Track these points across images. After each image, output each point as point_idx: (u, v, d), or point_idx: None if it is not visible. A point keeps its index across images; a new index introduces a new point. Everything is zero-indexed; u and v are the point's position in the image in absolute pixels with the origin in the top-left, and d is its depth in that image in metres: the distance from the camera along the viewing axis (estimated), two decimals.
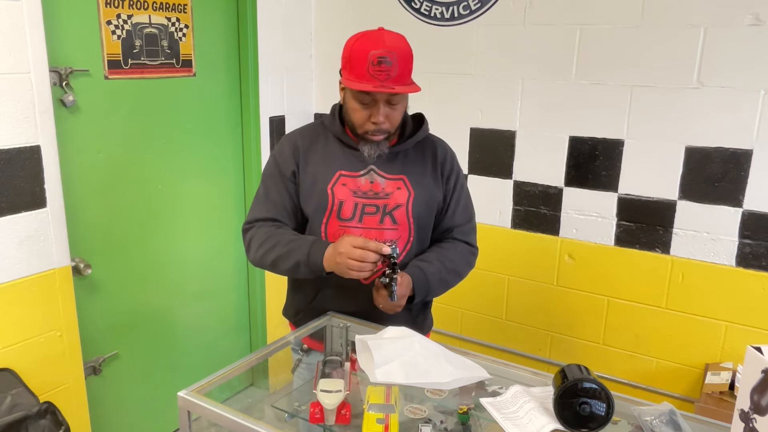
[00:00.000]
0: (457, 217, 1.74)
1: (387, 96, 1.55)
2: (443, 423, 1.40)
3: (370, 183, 1.65)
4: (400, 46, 1.56)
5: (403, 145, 1.68)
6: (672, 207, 2.30)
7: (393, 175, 1.66)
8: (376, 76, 1.50)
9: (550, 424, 1.26)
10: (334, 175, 1.64)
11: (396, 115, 1.60)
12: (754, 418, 1.00)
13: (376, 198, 1.64)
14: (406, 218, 1.65)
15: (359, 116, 1.58)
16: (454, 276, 1.73)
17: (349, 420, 1.38)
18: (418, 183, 1.67)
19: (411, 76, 1.60)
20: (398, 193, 1.65)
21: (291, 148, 1.70)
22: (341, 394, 1.38)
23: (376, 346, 1.49)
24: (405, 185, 1.66)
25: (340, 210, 1.63)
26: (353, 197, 1.63)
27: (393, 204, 1.64)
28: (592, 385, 1.24)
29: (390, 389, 1.43)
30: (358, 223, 1.63)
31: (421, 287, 1.63)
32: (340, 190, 1.63)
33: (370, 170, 1.65)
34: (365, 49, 1.52)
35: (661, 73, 2.22)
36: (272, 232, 1.65)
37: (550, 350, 2.65)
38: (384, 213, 1.64)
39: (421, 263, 1.66)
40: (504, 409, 1.35)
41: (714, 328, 2.28)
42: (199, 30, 2.54)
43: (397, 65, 1.52)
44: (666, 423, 1.32)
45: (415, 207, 1.65)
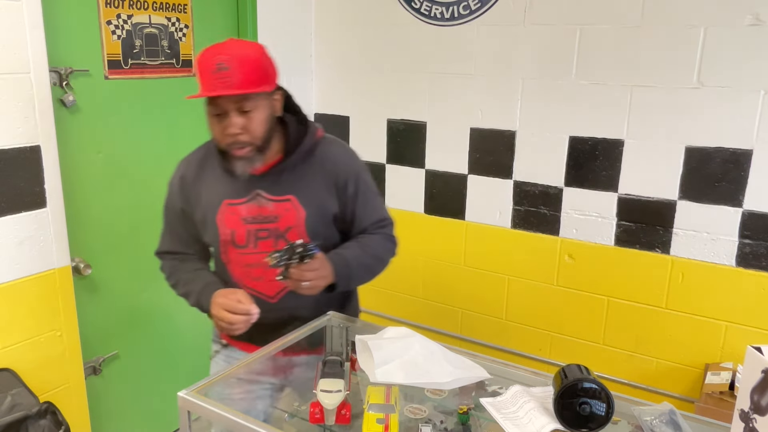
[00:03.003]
0: (365, 220, 1.68)
1: (236, 104, 1.47)
2: (443, 423, 1.40)
3: (257, 207, 1.59)
4: (242, 53, 1.48)
5: (288, 161, 1.60)
6: (672, 207, 2.30)
7: (279, 197, 1.59)
8: (217, 83, 1.44)
9: (550, 424, 1.26)
10: (220, 206, 1.60)
11: (254, 125, 1.50)
12: (754, 418, 1.00)
13: (266, 222, 1.59)
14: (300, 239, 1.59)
15: (216, 130, 1.53)
16: (376, 261, 1.69)
17: (349, 420, 1.38)
18: (310, 200, 1.60)
19: (263, 82, 1.50)
20: (287, 215, 1.59)
21: (178, 183, 1.67)
22: (341, 394, 1.38)
23: (376, 346, 1.49)
24: (294, 205, 1.59)
25: (234, 239, 1.60)
26: (244, 224, 1.59)
27: (284, 226, 1.59)
28: (592, 385, 1.24)
29: (390, 389, 1.43)
30: (254, 249, 1.59)
31: (343, 272, 1.58)
32: (228, 219, 1.59)
33: (255, 195, 1.59)
34: (207, 59, 1.47)
35: (661, 73, 2.22)
36: (175, 268, 1.69)
37: (550, 350, 2.65)
38: (277, 236, 1.59)
39: (339, 249, 1.62)
40: (504, 409, 1.35)
41: (714, 328, 2.28)
42: (199, 30, 2.54)
43: (237, 71, 1.44)
44: (666, 423, 1.32)
45: (309, 226, 1.59)
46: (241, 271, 1.63)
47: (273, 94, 1.55)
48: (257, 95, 1.48)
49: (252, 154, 1.53)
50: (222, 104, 1.47)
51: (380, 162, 2.93)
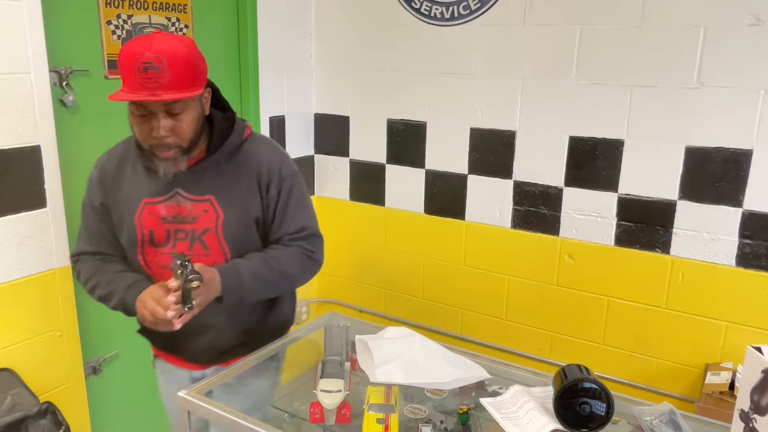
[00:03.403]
0: (282, 228, 1.58)
1: (165, 106, 1.37)
2: (443, 423, 1.40)
3: (176, 206, 1.51)
4: (172, 50, 1.36)
5: (211, 159, 1.51)
6: (672, 207, 2.30)
7: (199, 197, 1.51)
8: (144, 84, 1.33)
9: (550, 424, 1.26)
10: (139, 204, 1.52)
11: (183, 127, 1.41)
12: (754, 418, 1.00)
13: (185, 222, 1.51)
14: (217, 243, 1.51)
15: (140, 131, 1.42)
16: (281, 277, 1.57)
17: (349, 420, 1.38)
18: (229, 202, 1.52)
19: (195, 82, 1.41)
20: (205, 217, 1.50)
21: (98, 177, 1.59)
22: (341, 394, 1.38)
23: (376, 346, 1.49)
24: (212, 206, 1.51)
25: (152, 238, 1.52)
26: (162, 224, 1.51)
27: (201, 228, 1.51)
28: (592, 385, 1.24)
29: (390, 389, 1.43)
30: (173, 249, 1.52)
31: (231, 284, 1.47)
32: (147, 219, 1.52)
33: (175, 193, 1.51)
34: (132, 55, 1.34)
35: (661, 73, 2.22)
36: (95, 269, 1.58)
37: (550, 350, 2.65)
38: (193, 238, 1.51)
39: (236, 259, 1.52)
40: (504, 409, 1.35)
41: (714, 328, 2.28)
42: (199, 30, 2.54)
43: (168, 71, 1.33)
44: (666, 423, 1.32)
45: (225, 230, 1.51)
46: (159, 271, 1.54)
47: (203, 93, 1.46)
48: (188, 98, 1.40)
49: (177, 156, 1.44)
50: (149, 106, 1.38)
51: (380, 162, 2.93)
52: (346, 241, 3.10)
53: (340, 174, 3.07)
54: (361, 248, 3.07)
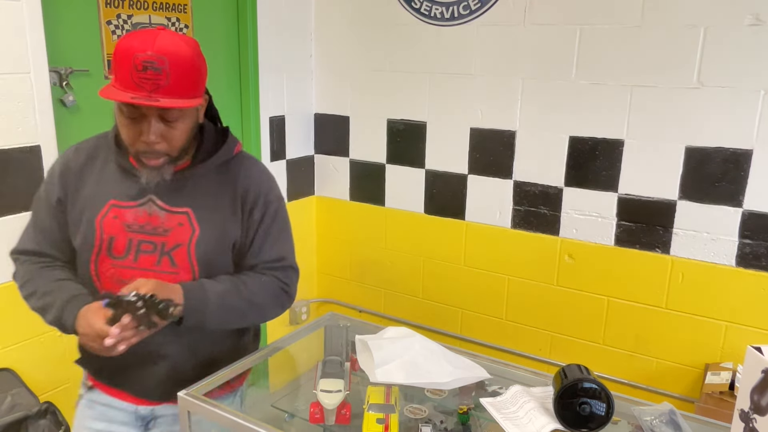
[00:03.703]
0: (260, 254, 1.45)
1: (159, 110, 1.25)
2: (443, 423, 1.40)
3: (147, 215, 1.36)
4: (177, 51, 1.23)
5: (195, 170, 1.39)
6: (672, 207, 2.30)
7: (176, 207, 1.37)
8: (142, 85, 1.20)
9: (550, 424, 1.26)
10: (104, 205, 1.37)
11: (176, 135, 1.30)
12: (754, 418, 1.00)
13: (154, 234, 1.36)
14: (187, 260, 1.37)
15: (128, 133, 1.29)
16: (250, 306, 1.42)
17: (349, 420, 1.38)
18: (207, 218, 1.38)
19: (196, 89, 1.29)
20: (179, 230, 1.36)
21: (60, 168, 1.42)
22: (341, 394, 1.38)
23: (376, 346, 1.49)
24: (189, 220, 1.37)
25: (111, 246, 1.36)
26: (127, 232, 1.36)
27: (172, 243, 1.36)
28: (592, 385, 1.24)
29: (390, 389, 1.43)
30: (133, 262, 1.36)
31: (195, 306, 1.33)
32: (110, 223, 1.36)
33: (149, 200, 1.36)
34: (130, 52, 1.21)
35: (661, 73, 2.22)
36: (32, 274, 1.42)
37: (550, 350, 2.65)
38: (162, 253, 1.36)
39: (204, 279, 1.38)
40: (504, 409, 1.35)
41: (714, 328, 2.28)
42: (199, 30, 2.54)
43: (170, 74, 1.21)
44: (666, 423, 1.32)
45: (199, 247, 1.37)
46: (111, 286, 1.36)
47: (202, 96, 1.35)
48: None
49: (164, 165, 1.32)
50: (142, 108, 1.25)
51: (380, 162, 2.93)
52: (346, 241, 3.10)
53: (340, 174, 3.08)
54: (361, 248, 3.07)
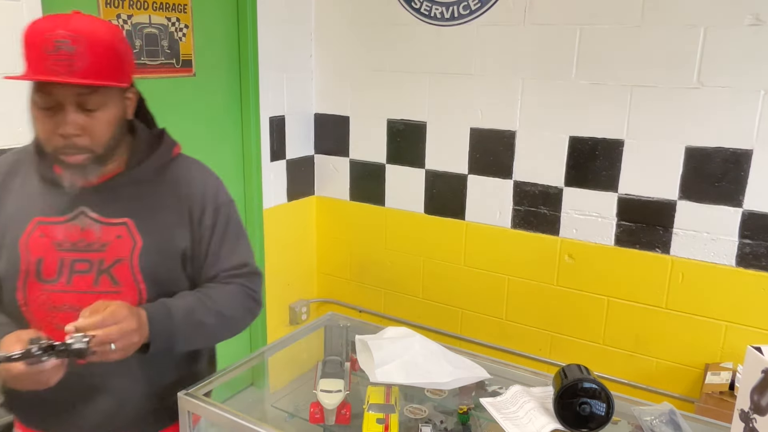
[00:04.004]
0: (220, 263, 1.31)
1: (78, 97, 1.10)
2: (443, 423, 1.40)
3: (80, 230, 1.20)
4: (93, 31, 1.10)
5: (130, 175, 1.24)
6: (672, 207, 2.30)
7: (112, 218, 1.21)
8: (54, 68, 1.07)
9: (550, 424, 1.26)
10: (29, 224, 1.21)
11: (98, 126, 1.14)
12: (754, 418, 1.00)
13: (90, 251, 1.20)
14: (131, 276, 1.21)
15: (43, 127, 1.14)
16: (219, 319, 1.28)
17: (349, 420, 1.38)
18: (149, 227, 1.23)
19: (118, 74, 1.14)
20: (118, 244, 1.21)
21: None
22: (341, 394, 1.38)
23: (376, 346, 1.49)
24: (128, 232, 1.22)
25: (40, 269, 1.19)
26: (57, 251, 1.19)
27: (111, 258, 1.20)
28: (592, 385, 1.24)
29: (390, 389, 1.43)
30: (67, 284, 1.19)
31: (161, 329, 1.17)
32: (37, 243, 1.19)
33: (80, 213, 1.21)
34: (41, 32, 1.08)
35: (661, 73, 2.22)
36: None
37: (550, 350, 2.65)
38: (100, 271, 1.20)
39: (165, 299, 1.23)
40: (504, 409, 1.35)
41: (714, 328, 2.28)
42: (199, 30, 2.54)
43: (85, 54, 1.07)
44: (666, 423, 1.32)
45: (143, 260, 1.21)
46: (43, 315, 1.20)
47: (126, 92, 1.22)
48: (108, 90, 1.14)
49: (88, 163, 1.16)
50: (57, 95, 1.10)
51: (380, 162, 2.93)
52: (346, 241, 3.10)
53: (340, 174, 3.08)
54: (361, 248, 3.07)
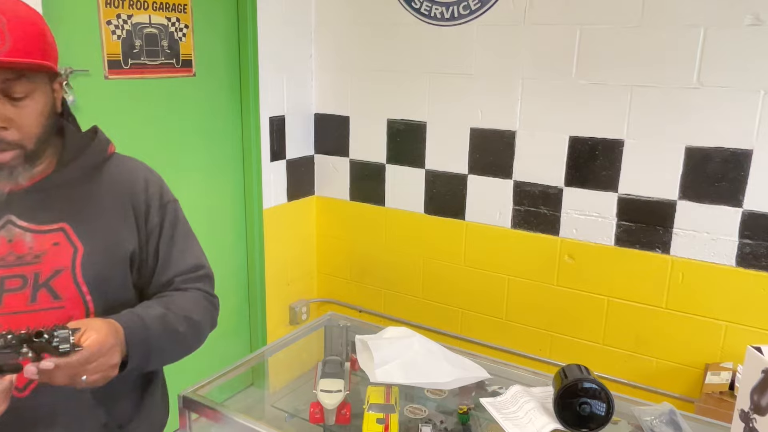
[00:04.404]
0: (173, 266, 1.20)
1: (3, 84, 0.98)
2: (443, 423, 1.40)
3: (7, 242, 1.05)
4: (16, 9, 1.00)
5: (61, 176, 1.11)
6: (672, 207, 2.30)
7: (46, 225, 1.07)
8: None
9: (550, 424, 1.26)
10: None
11: (27, 117, 1.02)
12: (754, 418, 1.00)
13: (21, 264, 1.05)
14: (74, 287, 1.07)
15: None
16: (189, 326, 1.15)
17: (349, 420, 1.38)
18: (90, 230, 1.10)
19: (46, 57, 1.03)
20: (55, 252, 1.07)
21: None
22: (341, 394, 1.38)
23: (376, 346, 1.50)
24: (67, 237, 1.08)
25: None
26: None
27: (49, 269, 1.06)
28: (592, 385, 1.24)
29: (390, 389, 1.43)
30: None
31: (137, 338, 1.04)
32: None
33: (6, 222, 1.06)
34: None
35: (661, 73, 2.22)
36: None
37: (550, 350, 2.65)
38: (36, 286, 1.05)
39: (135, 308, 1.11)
40: (504, 409, 1.35)
41: (714, 328, 2.28)
42: (199, 30, 2.54)
43: (8, 35, 0.96)
44: (666, 423, 1.32)
45: (87, 268, 1.08)
46: None
47: (53, 81, 1.09)
48: (36, 77, 1.02)
49: (16, 163, 1.03)
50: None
51: (380, 162, 2.93)
52: (346, 241, 3.10)
53: (340, 174, 3.08)
54: (361, 248, 3.07)
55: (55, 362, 0.90)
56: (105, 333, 0.97)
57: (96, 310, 1.10)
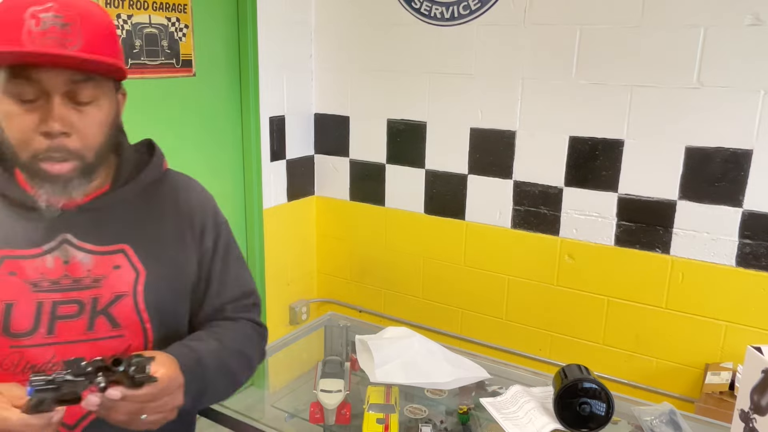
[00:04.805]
0: (225, 292, 1.13)
1: (69, 85, 0.89)
2: (443, 423, 1.40)
3: (63, 263, 0.96)
4: (88, 8, 0.92)
5: (116, 195, 1.03)
6: (672, 207, 2.30)
7: (105, 246, 1.00)
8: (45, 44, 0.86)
9: (550, 424, 1.26)
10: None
11: (90, 127, 0.94)
12: (754, 418, 1.00)
13: (77, 289, 0.97)
14: (135, 315, 1.00)
15: (19, 126, 0.90)
16: (240, 359, 1.09)
17: (349, 420, 1.38)
18: (154, 254, 1.03)
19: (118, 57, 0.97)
20: (117, 276, 0.99)
21: None
22: (341, 394, 1.38)
23: (376, 346, 1.50)
24: (128, 260, 1.00)
25: (9, 319, 0.94)
26: (33, 293, 0.95)
27: (109, 295, 0.98)
28: (592, 385, 1.24)
29: (390, 389, 1.43)
30: (48, 335, 0.95)
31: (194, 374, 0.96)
32: (6, 285, 0.94)
33: (62, 241, 0.97)
34: (21, 8, 0.87)
35: (661, 73, 2.22)
36: None
37: (550, 350, 2.65)
38: (94, 312, 0.97)
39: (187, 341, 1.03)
40: (504, 409, 1.35)
41: (714, 328, 2.28)
42: (199, 30, 2.54)
43: (81, 33, 0.88)
44: (666, 423, 1.33)
45: (149, 294, 1.01)
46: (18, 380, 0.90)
47: (118, 90, 1.04)
48: (102, 82, 0.95)
49: (74, 175, 0.94)
50: (43, 81, 0.88)
51: (380, 162, 2.93)
52: (346, 241, 3.10)
53: (340, 174, 3.08)
54: (361, 248, 3.07)
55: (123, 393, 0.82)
56: (174, 369, 0.90)
57: (155, 341, 1.02)
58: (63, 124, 0.90)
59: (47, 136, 0.90)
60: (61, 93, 0.90)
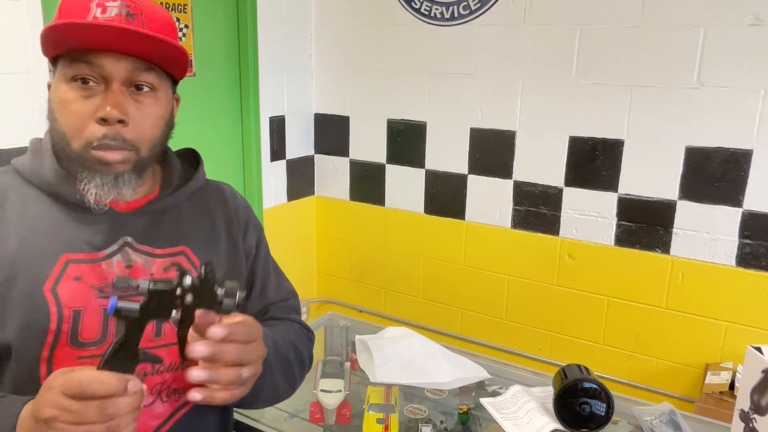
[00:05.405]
0: (272, 293, 1.15)
1: (131, 73, 0.89)
2: (443, 423, 1.40)
3: (125, 268, 0.93)
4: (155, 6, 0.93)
5: (168, 201, 1.02)
6: (672, 207, 2.30)
7: (166, 249, 0.98)
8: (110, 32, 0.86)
9: (550, 424, 1.26)
10: (55, 264, 0.89)
11: (146, 118, 0.93)
12: (754, 418, 1.00)
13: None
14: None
15: (75, 111, 0.88)
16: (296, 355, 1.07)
17: (349, 420, 1.38)
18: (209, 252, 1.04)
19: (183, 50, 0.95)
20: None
21: None
22: (341, 394, 1.39)
23: (376, 346, 1.50)
24: (189, 261, 1.00)
25: (77, 327, 0.88)
26: (98, 299, 0.90)
27: None
28: (592, 385, 1.24)
29: (390, 389, 1.43)
30: None
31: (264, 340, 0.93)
32: (71, 290, 0.88)
33: (123, 244, 0.95)
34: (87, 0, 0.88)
35: (661, 73, 2.22)
36: None
37: (550, 350, 2.65)
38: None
39: None
40: (504, 409, 1.36)
41: (714, 328, 2.28)
42: (199, 30, 2.54)
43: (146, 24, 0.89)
44: (666, 423, 1.33)
45: None
46: None
47: (174, 90, 1.05)
48: (162, 76, 0.95)
49: (126, 169, 0.92)
50: (105, 65, 0.87)
51: (380, 162, 2.93)
52: (346, 241, 3.10)
53: (340, 174, 3.08)
54: (361, 248, 3.07)
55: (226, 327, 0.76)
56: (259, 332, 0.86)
57: None
58: (121, 111, 0.88)
59: (103, 123, 0.88)
60: (121, 80, 0.89)
